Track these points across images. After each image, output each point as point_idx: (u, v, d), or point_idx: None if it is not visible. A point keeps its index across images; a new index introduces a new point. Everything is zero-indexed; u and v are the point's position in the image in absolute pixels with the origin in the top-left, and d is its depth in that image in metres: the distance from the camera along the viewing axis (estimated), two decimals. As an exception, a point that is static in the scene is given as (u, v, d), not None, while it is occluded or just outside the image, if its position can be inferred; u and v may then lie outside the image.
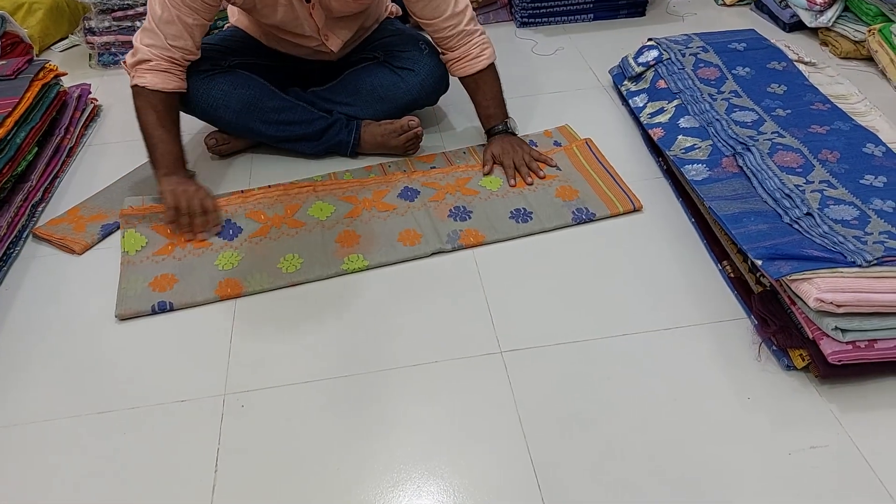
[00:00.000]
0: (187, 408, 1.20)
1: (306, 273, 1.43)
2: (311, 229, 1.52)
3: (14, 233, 1.55)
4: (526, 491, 1.04)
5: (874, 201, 1.32)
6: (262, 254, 1.47)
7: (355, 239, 1.50)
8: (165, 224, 1.51)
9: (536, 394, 1.18)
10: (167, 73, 1.56)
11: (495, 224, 1.52)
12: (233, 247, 1.49)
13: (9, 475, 1.11)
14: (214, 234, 1.51)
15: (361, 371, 1.24)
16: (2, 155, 1.55)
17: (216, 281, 1.41)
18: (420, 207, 1.57)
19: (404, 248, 1.48)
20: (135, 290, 1.40)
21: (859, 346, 1.11)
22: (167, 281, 1.41)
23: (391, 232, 1.51)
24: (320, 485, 1.07)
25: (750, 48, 1.85)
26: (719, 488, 1.03)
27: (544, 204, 1.56)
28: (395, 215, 1.55)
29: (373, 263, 1.45)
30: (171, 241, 1.50)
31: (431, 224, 1.52)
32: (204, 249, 1.49)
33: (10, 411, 1.21)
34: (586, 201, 1.56)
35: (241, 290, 1.40)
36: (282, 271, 1.43)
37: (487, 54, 1.68)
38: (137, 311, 1.37)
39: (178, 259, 1.46)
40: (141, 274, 1.43)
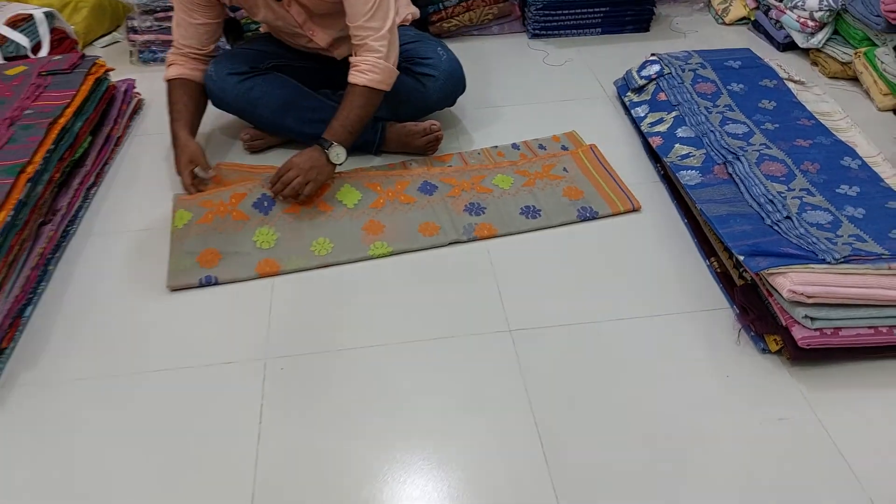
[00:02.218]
0: (233, 369, 1.36)
1: (336, 256, 1.59)
2: (339, 216, 1.68)
3: (72, 212, 1.71)
4: (530, 451, 1.20)
5: (847, 208, 1.49)
6: (296, 236, 1.63)
7: (380, 228, 1.65)
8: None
9: (541, 367, 1.34)
10: (173, 65, 1.82)
11: (507, 219, 1.68)
12: (268, 222, 1.64)
13: (71, 425, 1.27)
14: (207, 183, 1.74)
15: (384, 342, 1.40)
16: (63, 142, 1.71)
17: (256, 260, 1.57)
18: (438, 201, 1.72)
19: (424, 238, 1.63)
20: (184, 265, 1.55)
21: (826, 332, 1.28)
22: (212, 256, 1.57)
23: (412, 223, 1.67)
24: (353, 434, 1.23)
25: (744, 66, 2.01)
26: (700, 449, 1.20)
27: (552, 202, 1.72)
28: (415, 208, 1.71)
29: (396, 250, 1.61)
30: (210, 211, 1.65)
31: (449, 217, 1.68)
32: (242, 222, 1.64)
33: (73, 368, 1.37)
34: (590, 201, 1.72)
35: (278, 269, 1.56)
36: (314, 253, 1.59)
37: (370, 77, 1.67)
38: (186, 283, 1.53)
39: (220, 231, 1.61)
40: (188, 249, 1.58)
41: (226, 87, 1.81)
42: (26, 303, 1.48)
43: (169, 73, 1.82)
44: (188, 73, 1.81)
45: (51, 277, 1.57)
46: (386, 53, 1.68)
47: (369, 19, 1.65)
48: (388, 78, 1.71)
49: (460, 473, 1.17)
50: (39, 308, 1.50)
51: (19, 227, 1.49)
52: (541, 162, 1.85)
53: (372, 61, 1.68)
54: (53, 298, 1.52)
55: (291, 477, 1.17)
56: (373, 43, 1.67)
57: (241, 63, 1.82)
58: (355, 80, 1.69)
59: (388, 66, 1.70)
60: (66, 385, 1.34)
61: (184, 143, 1.74)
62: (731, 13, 2.62)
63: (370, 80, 1.68)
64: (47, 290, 1.54)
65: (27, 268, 1.51)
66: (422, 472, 1.17)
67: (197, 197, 1.70)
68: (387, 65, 1.69)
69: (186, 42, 1.79)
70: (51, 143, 1.66)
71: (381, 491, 1.15)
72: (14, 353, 1.40)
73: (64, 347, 1.41)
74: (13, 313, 1.43)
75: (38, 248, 1.56)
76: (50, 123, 1.70)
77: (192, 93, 1.83)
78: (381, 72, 1.69)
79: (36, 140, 1.64)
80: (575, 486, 1.14)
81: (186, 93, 1.81)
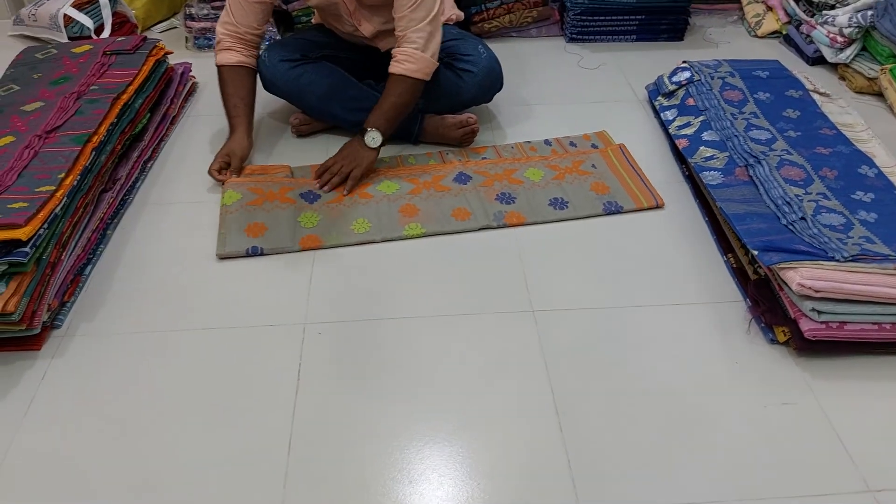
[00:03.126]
0: (275, 331, 1.46)
1: (373, 234, 1.69)
2: (378, 201, 1.79)
3: (129, 183, 1.83)
4: (547, 422, 1.29)
5: (860, 212, 1.56)
6: (337, 217, 1.74)
7: (415, 211, 1.76)
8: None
9: (560, 346, 1.43)
10: (229, 51, 1.89)
11: (536, 208, 1.77)
12: (313, 209, 1.76)
13: (123, 373, 1.39)
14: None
15: (415, 315, 1.50)
16: (125, 116, 1.84)
17: (300, 235, 1.68)
18: (472, 190, 1.82)
19: (456, 222, 1.73)
20: (232, 235, 1.66)
21: (832, 326, 1.35)
22: (259, 228, 1.67)
23: (446, 208, 1.77)
24: (382, 396, 1.33)
25: (772, 76, 2.09)
26: (707, 427, 1.28)
27: (580, 195, 1.81)
28: (449, 195, 1.81)
29: (428, 232, 1.71)
30: (259, 197, 1.76)
31: (481, 204, 1.78)
32: (289, 205, 1.75)
33: (127, 323, 1.49)
34: (616, 196, 1.81)
35: (319, 244, 1.66)
36: (353, 231, 1.70)
37: (406, 67, 1.78)
38: (234, 252, 1.64)
39: (268, 211, 1.72)
40: (236, 221, 1.69)
41: (277, 73, 1.93)
42: (86, 262, 1.61)
43: (225, 58, 1.90)
44: (246, 61, 1.91)
45: (108, 241, 1.70)
46: (424, 44, 1.78)
47: (413, 10, 1.75)
48: (424, 67, 1.81)
49: (480, 440, 1.26)
50: (98, 267, 1.62)
51: (84, 191, 1.62)
52: (571, 158, 1.94)
53: (410, 51, 1.78)
54: (111, 259, 1.65)
55: (323, 430, 1.27)
56: (412, 34, 1.77)
57: (293, 51, 1.94)
58: (393, 69, 1.81)
59: (426, 57, 1.79)
60: (120, 337, 1.45)
61: (238, 140, 1.86)
62: (764, 26, 2.69)
63: (407, 69, 1.79)
64: (105, 251, 1.67)
65: (88, 230, 1.64)
66: (444, 437, 1.26)
67: (246, 181, 1.80)
68: (424, 55, 1.79)
69: (244, 21, 1.87)
70: (114, 116, 1.79)
71: (406, 448, 1.24)
72: (74, 307, 1.52)
73: (118, 304, 1.53)
74: (75, 270, 1.56)
75: (98, 212, 1.69)
76: (114, 99, 1.83)
77: (250, 85, 1.93)
78: (418, 61, 1.79)
79: (101, 113, 1.76)
80: (587, 456, 1.23)
81: (245, 85, 1.91)
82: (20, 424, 1.28)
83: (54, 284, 1.46)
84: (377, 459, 1.23)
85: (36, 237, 1.39)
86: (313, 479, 1.20)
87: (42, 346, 1.42)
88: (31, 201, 1.45)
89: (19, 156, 1.60)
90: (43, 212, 1.44)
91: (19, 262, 1.34)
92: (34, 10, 2.58)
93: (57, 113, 1.75)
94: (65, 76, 1.93)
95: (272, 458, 1.22)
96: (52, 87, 1.88)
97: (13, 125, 1.72)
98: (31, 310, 1.38)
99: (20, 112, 1.78)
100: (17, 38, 2.67)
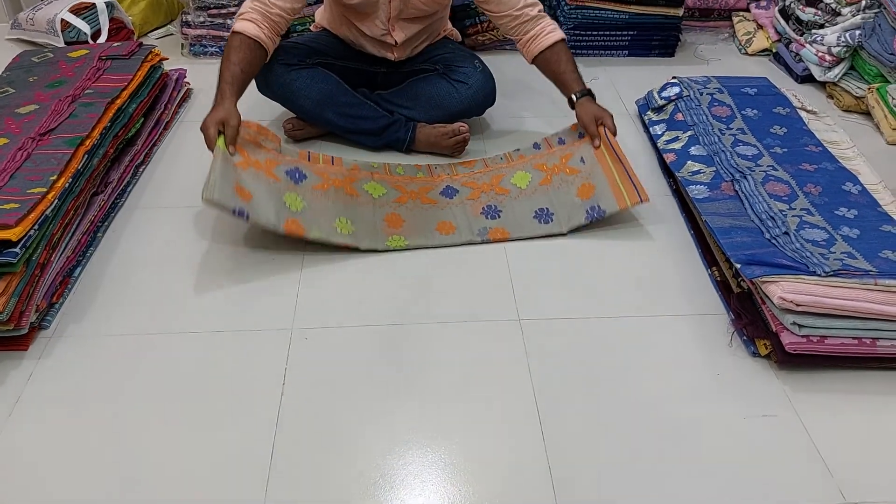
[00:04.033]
0: (261, 335, 1.48)
1: (357, 240, 1.68)
2: (364, 203, 1.77)
3: (121, 186, 1.84)
4: (529, 430, 1.30)
5: (843, 228, 1.58)
6: (322, 209, 1.68)
7: (400, 222, 1.76)
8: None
9: (545, 355, 1.44)
10: (253, 23, 1.78)
11: (520, 222, 1.78)
12: (297, 190, 1.68)
13: (109, 375, 1.40)
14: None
15: (402, 322, 1.51)
16: (118, 121, 1.86)
17: (284, 217, 1.60)
18: (458, 204, 1.83)
19: (440, 236, 1.74)
20: (221, 185, 1.52)
21: (812, 340, 1.37)
22: (246, 194, 1.57)
23: (431, 221, 1.77)
24: (366, 400, 1.34)
25: (760, 93, 2.12)
26: (688, 437, 1.29)
27: (566, 204, 1.79)
28: (435, 209, 1.81)
29: (412, 245, 1.71)
30: (246, 161, 1.66)
31: (466, 219, 1.78)
32: (274, 181, 1.66)
33: (115, 325, 1.50)
34: (600, 197, 1.76)
35: (303, 233, 1.62)
36: (337, 230, 1.67)
37: (559, 32, 1.92)
38: (221, 201, 1.51)
39: (253, 178, 1.62)
40: (227, 175, 1.56)
41: (272, 76, 1.95)
42: (76, 264, 1.62)
43: (247, 27, 1.79)
44: (264, 40, 1.80)
45: (99, 243, 1.70)
46: (543, 11, 1.94)
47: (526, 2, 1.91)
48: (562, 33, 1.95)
49: (463, 447, 1.27)
50: (87, 269, 1.63)
51: (75, 194, 1.63)
52: (559, 153, 1.92)
53: (549, 23, 1.93)
54: (100, 262, 1.66)
55: (307, 435, 1.28)
56: (536, 12, 1.92)
57: (290, 55, 1.96)
58: (555, 37, 1.92)
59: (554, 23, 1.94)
60: (108, 339, 1.46)
61: (229, 109, 1.71)
62: (754, 44, 2.72)
63: (559, 34, 1.93)
64: (95, 254, 1.68)
65: (79, 232, 1.64)
66: (427, 442, 1.27)
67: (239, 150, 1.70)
68: (552, 22, 1.94)
69: (281, 2, 1.81)
70: (107, 120, 1.81)
71: (388, 454, 1.25)
72: (63, 308, 1.53)
73: (107, 306, 1.54)
74: (64, 272, 1.57)
75: (89, 215, 1.70)
76: (108, 103, 1.84)
77: (256, 63, 1.82)
78: (557, 27, 1.93)
79: (94, 117, 1.78)
80: (568, 464, 1.24)
81: (251, 61, 1.80)
82: (4, 424, 1.29)
83: (43, 285, 1.47)
84: (359, 464, 1.23)
85: (26, 238, 1.40)
86: (295, 482, 1.20)
87: (29, 347, 1.43)
88: (23, 202, 1.46)
89: (12, 157, 1.61)
90: (34, 213, 1.45)
91: (9, 262, 1.35)
92: (32, 15, 2.60)
93: (51, 116, 1.76)
94: (60, 80, 1.95)
95: (254, 461, 1.23)
96: (48, 91, 1.90)
97: (7, 127, 1.74)
98: (19, 310, 1.38)
99: (14, 114, 1.79)
100: (14, 42, 2.69)
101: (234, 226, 1.76)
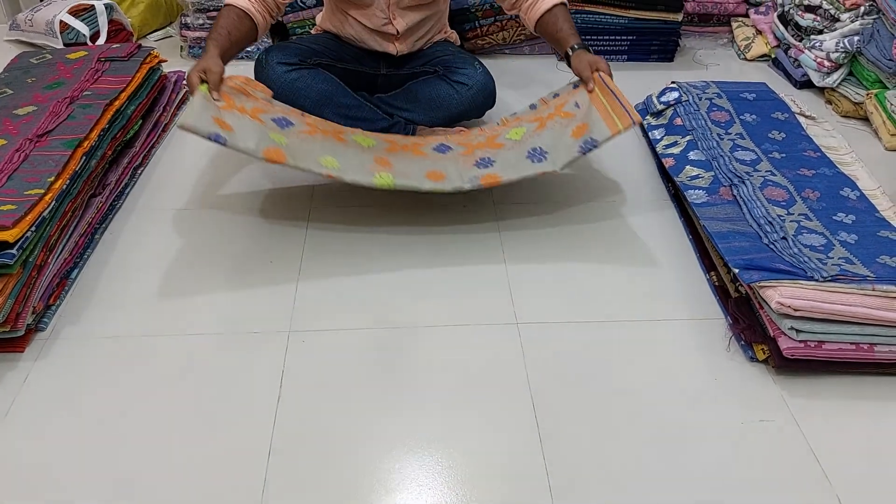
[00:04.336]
0: (259, 338, 1.47)
1: (342, 173, 1.60)
2: (352, 147, 1.71)
3: (119, 188, 1.84)
4: (527, 433, 1.30)
5: (840, 234, 1.58)
6: (308, 148, 1.63)
7: (388, 163, 1.68)
8: None
9: (543, 359, 1.44)
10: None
11: (514, 164, 1.69)
12: (283, 133, 1.64)
13: (105, 377, 1.39)
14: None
15: (400, 325, 1.51)
16: (116, 122, 1.85)
17: (264, 145, 1.56)
18: (450, 158, 1.76)
19: (430, 182, 1.65)
20: (199, 112, 1.52)
21: (810, 345, 1.37)
22: (226, 126, 1.55)
23: (421, 168, 1.69)
24: (362, 403, 1.34)
25: (759, 99, 2.12)
26: (685, 442, 1.29)
27: (560, 144, 1.70)
28: (426, 159, 1.74)
29: (399, 185, 1.62)
30: (230, 105, 1.63)
31: (457, 170, 1.71)
32: (258, 123, 1.62)
33: (111, 327, 1.49)
34: (593, 130, 1.68)
35: (284, 160, 1.56)
36: (321, 163, 1.60)
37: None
38: (196, 127, 1.50)
39: (236, 117, 1.59)
40: (211, 107, 1.57)
41: (272, 75, 1.94)
42: (73, 266, 1.61)
43: (237, 0, 1.80)
44: (253, 11, 1.81)
45: (96, 245, 1.70)
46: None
47: None
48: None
49: (460, 450, 1.26)
50: (84, 271, 1.63)
51: (73, 195, 1.63)
52: (554, 103, 1.89)
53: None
54: (97, 264, 1.65)
55: (303, 438, 1.28)
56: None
57: (291, 55, 1.96)
58: (551, 2, 1.91)
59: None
60: (104, 341, 1.46)
61: (213, 59, 1.69)
62: (753, 50, 2.73)
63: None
64: (92, 256, 1.67)
65: (76, 234, 1.64)
66: (424, 446, 1.27)
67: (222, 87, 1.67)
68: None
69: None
70: (106, 122, 1.80)
71: (385, 458, 1.25)
72: (59, 310, 1.52)
73: (104, 308, 1.54)
74: (61, 273, 1.56)
75: (87, 217, 1.69)
76: (106, 105, 1.84)
77: (243, 29, 1.82)
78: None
79: (93, 118, 1.77)
80: (565, 468, 1.24)
81: (240, 29, 1.80)
82: (0, 426, 1.28)
83: (40, 287, 1.46)
84: (356, 468, 1.23)
85: (23, 239, 1.40)
86: (291, 485, 1.20)
87: (25, 349, 1.43)
88: (20, 204, 1.46)
89: (9, 159, 1.61)
90: (31, 214, 1.45)
91: (5, 263, 1.35)
92: (30, 16, 2.60)
93: (49, 117, 1.76)
94: (59, 81, 1.94)
95: (252, 464, 1.23)
96: (46, 92, 1.89)
97: (5, 128, 1.73)
98: (16, 311, 1.38)
99: (12, 115, 1.79)
100: (12, 44, 2.69)
101: (232, 228, 1.76)
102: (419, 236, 1.77)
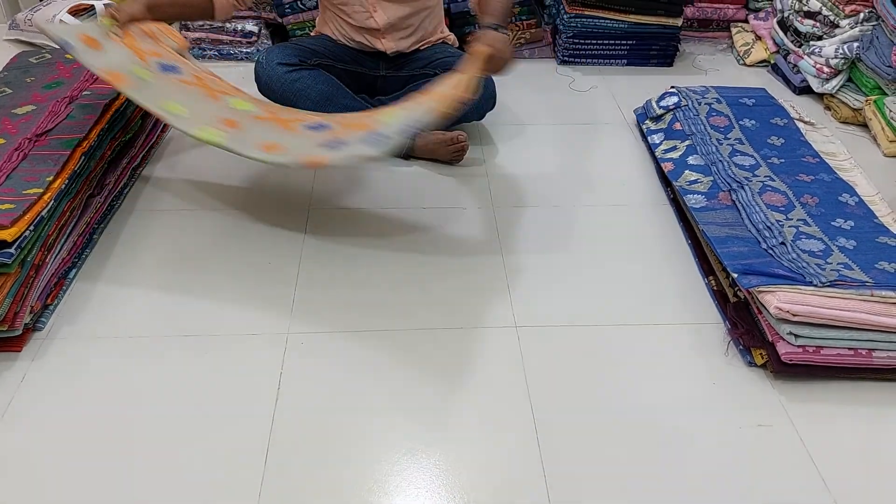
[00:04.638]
0: (258, 340, 1.47)
1: (178, 121, 1.55)
2: (219, 104, 1.65)
3: (118, 188, 1.84)
4: (525, 436, 1.30)
5: (839, 239, 1.58)
6: (162, 89, 1.60)
7: (236, 125, 1.59)
8: None
9: (542, 362, 1.44)
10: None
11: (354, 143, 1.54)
12: (154, 74, 1.62)
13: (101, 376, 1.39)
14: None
15: (398, 328, 1.51)
16: (116, 122, 1.85)
17: (111, 68, 1.55)
18: (307, 136, 1.63)
19: (260, 152, 1.52)
20: (72, 28, 1.58)
21: (808, 350, 1.37)
22: (92, 42, 1.57)
23: (262, 137, 1.58)
24: (359, 406, 1.34)
25: (758, 104, 2.12)
26: (683, 446, 1.29)
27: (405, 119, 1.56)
28: (284, 131, 1.63)
29: (228, 147, 1.51)
30: (125, 41, 1.63)
31: (300, 146, 1.58)
32: (139, 59, 1.61)
33: (108, 327, 1.49)
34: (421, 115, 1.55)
35: (123, 84, 1.54)
36: (162, 107, 1.55)
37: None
38: (47, 30, 1.58)
39: (118, 47, 1.61)
40: (91, 27, 1.61)
41: (273, 76, 1.94)
42: (71, 266, 1.61)
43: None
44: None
45: (94, 245, 1.70)
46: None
47: None
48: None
49: (458, 453, 1.27)
50: (83, 271, 1.63)
51: (71, 195, 1.62)
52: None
53: None
54: (96, 264, 1.65)
55: (301, 440, 1.28)
56: None
57: (290, 56, 1.96)
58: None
59: None
60: (102, 341, 1.46)
61: (136, 3, 1.68)
62: (753, 55, 2.73)
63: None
64: (90, 256, 1.67)
65: (75, 234, 1.64)
66: (422, 449, 1.27)
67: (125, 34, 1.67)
68: None
69: None
70: (105, 122, 1.80)
71: (382, 460, 1.25)
72: (57, 310, 1.52)
73: (101, 308, 1.54)
74: (59, 273, 1.56)
75: (85, 217, 1.69)
76: (106, 105, 1.83)
77: (195, 2, 1.82)
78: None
79: (92, 118, 1.77)
80: (563, 471, 1.24)
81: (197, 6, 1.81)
82: (-3, 425, 1.28)
83: (38, 287, 1.46)
84: (353, 470, 1.23)
85: (21, 239, 1.40)
86: (289, 487, 1.20)
87: (23, 348, 1.42)
88: (18, 203, 1.45)
89: (8, 158, 1.60)
90: (29, 214, 1.45)
91: (3, 262, 1.35)
92: (30, 16, 2.60)
93: (48, 117, 1.75)
94: (58, 81, 1.94)
95: (248, 465, 1.22)
96: (45, 91, 1.89)
97: (4, 128, 1.73)
98: (14, 311, 1.38)
99: (11, 115, 1.78)
100: (12, 43, 2.68)
101: (231, 229, 1.76)
102: (418, 238, 1.77)
